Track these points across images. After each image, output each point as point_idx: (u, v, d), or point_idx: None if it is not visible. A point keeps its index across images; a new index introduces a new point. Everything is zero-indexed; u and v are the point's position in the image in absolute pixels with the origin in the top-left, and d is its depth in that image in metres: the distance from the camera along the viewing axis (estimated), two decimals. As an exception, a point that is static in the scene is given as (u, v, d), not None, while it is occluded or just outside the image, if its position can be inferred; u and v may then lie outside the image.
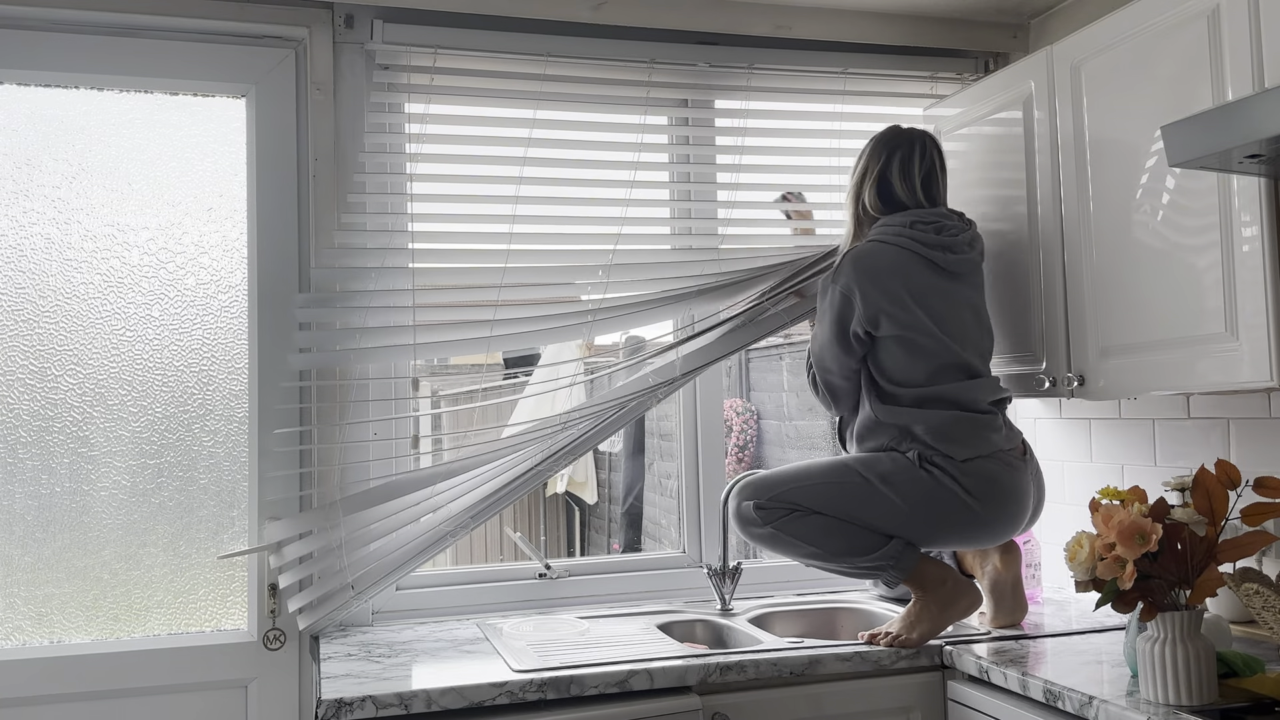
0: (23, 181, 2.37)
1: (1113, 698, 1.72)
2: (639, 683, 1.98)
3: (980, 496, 2.18)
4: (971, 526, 2.21)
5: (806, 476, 2.26)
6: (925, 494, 2.18)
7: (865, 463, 2.25)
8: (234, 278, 2.48)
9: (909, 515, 2.19)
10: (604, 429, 2.43)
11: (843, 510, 2.20)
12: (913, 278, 2.26)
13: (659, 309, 2.58)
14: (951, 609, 2.18)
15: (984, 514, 2.19)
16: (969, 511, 2.18)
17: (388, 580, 2.36)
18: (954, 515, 2.19)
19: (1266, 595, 1.79)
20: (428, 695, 1.88)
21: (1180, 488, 2.13)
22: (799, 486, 2.24)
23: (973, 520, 2.20)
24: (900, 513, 2.19)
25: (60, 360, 2.37)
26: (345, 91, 2.50)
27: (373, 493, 2.37)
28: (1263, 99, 1.58)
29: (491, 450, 2.41)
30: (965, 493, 2.17)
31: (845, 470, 2.24)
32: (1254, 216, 1.85)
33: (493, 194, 2.56)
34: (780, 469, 2.34)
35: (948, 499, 2.18)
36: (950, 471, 2.18)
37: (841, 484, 2.22)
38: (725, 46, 2.72)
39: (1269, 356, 1.83)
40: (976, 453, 2.20)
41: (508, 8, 2.55)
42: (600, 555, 5.88)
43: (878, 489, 2.20)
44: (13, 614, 2.32)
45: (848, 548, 2.21)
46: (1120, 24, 2.13)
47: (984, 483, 2.19)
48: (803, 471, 2.29)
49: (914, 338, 2.24)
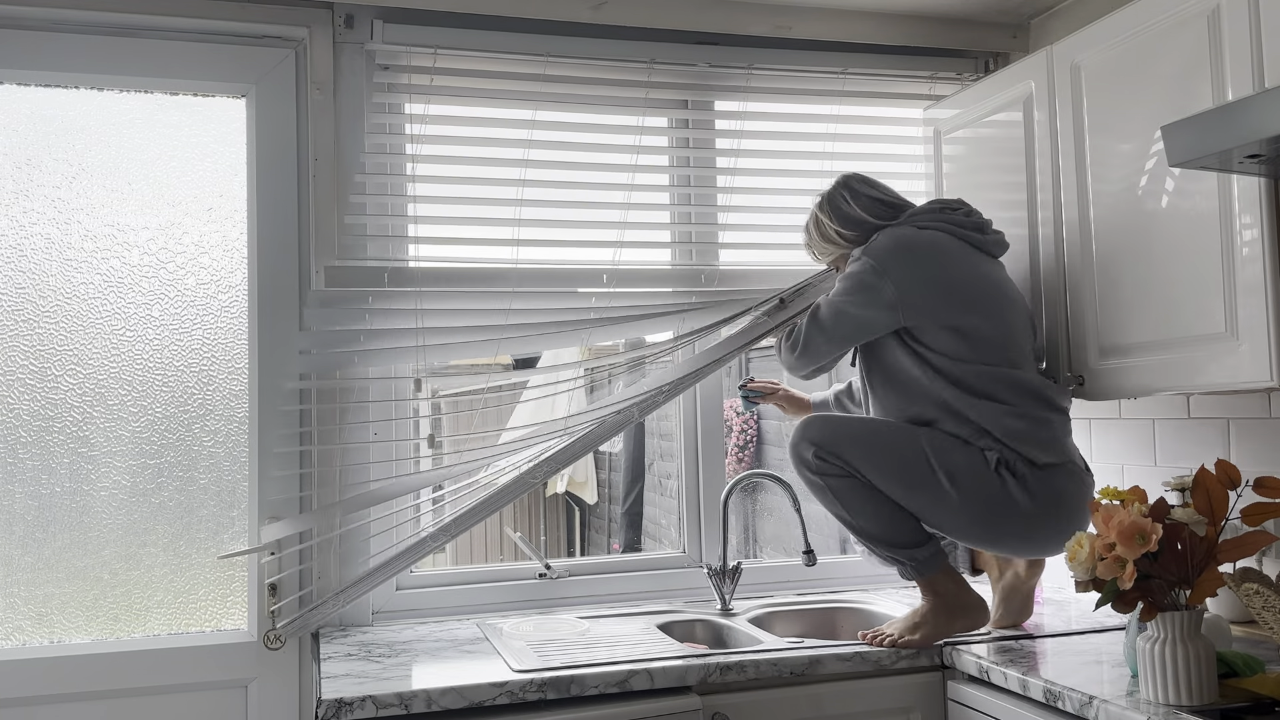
0: (23, 181, 2.37)
1: (1113, 698, 1.72)
2: (639, 683, 1.98)
3: (1046, 512, 2.10)
4: (1021, 541, 2.15)
5: (875, 443, 2.16)
6: (988, 501, 2.10)
7: (938, 447, 2.13)
8: (234, 278, 2.48)
9: (961, 517, 2.12)
10: (603, 433, 2.42)
11: (897, 490, 2.14)
12: (957, 264, 2.20)
13: (658, 319, 2.58)
14: (956, 621, 2.16)
15: (1041, 532, 2.11)
16: (1028, 526, 2.10)
17: (372, 584, 2.35)
18: (1009, 527, 2.11)
19: (1266, 595, 1.79)
20: (428, 695, 1.88)
21: (1180, 488, 2.12)
22: (864, 452, 2.15)
23: (1026, 537, 2.13)
24: (953, 513, 2.12)
25: (60, 360, 2.37)
26: (345, 91, 2.50)
27: (373, 495, 2.36)
28: (1263, 99, 1.59)
29: (492, 454, 2.41)
30: (1032, 505, 2.09)
31: (915, 451, 2.13)
32: (1254, 217, 1.85)
33: (493, 195, 2.56)
34: (851, 420, 2.26)
35: (1010, 511, 2.09)
36: (1026, 479, 2.10)
37: (905, 465, 2.13)
38: (725, 46, 2.72)
39: (1269, 356, 1.83)
40: (1055, 459, 2.13)
41: (508, 8, 2.55)
42: (600, 555, 5.88)
43: (940, 483, 2.11)
44: (13, 614, 2.32)
45: (883, 535, 2.16)
46: (1120, 24, 2.13)
47: (1053, 498, 2.10)
48: (873, 434, 2.19)
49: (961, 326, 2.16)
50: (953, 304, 2.18)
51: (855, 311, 2.21)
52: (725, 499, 2.62)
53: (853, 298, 2.21)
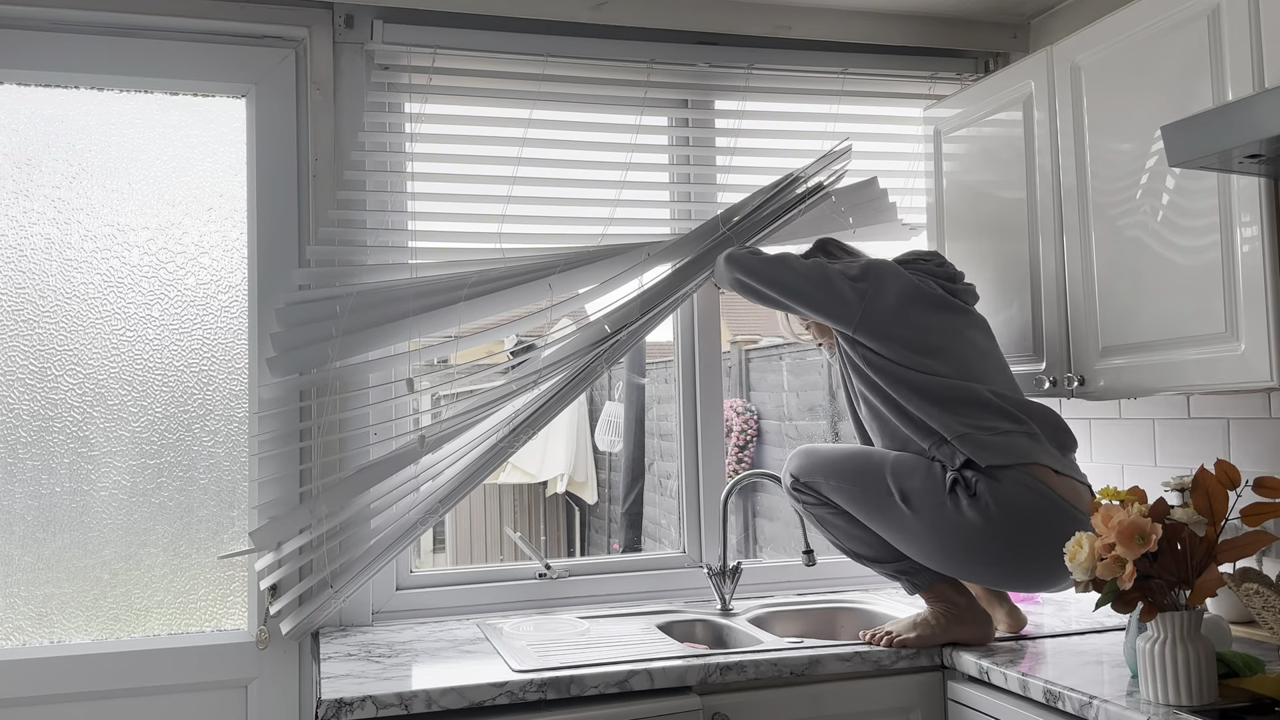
0: (23, 181, 2.37)
1: (1113, 698, 1.72)
2: (639, 683, 1.98)
3: (1000, 529, 1.99)
4: (986, 566, 2.05)
5: (842, 470, 2.18)
6: (943, 525, 2.04)
7: (897, 470, 2.12)
8: (234, 278, 2.48)
9: (922, 540, 2.09)
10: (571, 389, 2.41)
11: (862, 515, 2.16)
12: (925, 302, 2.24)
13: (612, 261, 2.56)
14: (957, 629, 2.13)
15: (999, 553, 2.01)
16: (985, 547, 2.02)
17: (366, 574, 2.35)
18: (967, 548, 2.04)
19: (1266, 595, 1.80)
20: (428, 695, 1.88)
21: (1180, 488, 2.12)
22: (835, 481, 2.18)
23: (988, 560, 2.04)
24: (913, 536, 2.09)
25: (60, 360, 2.37)
26: (345, 91, 2.50)
27: (353, 480, 2.35)
28: (1263, 99, 1.59)
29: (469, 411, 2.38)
30: (984, 523, 2.00)
31: (876, 477, 2.13)
32: (1254, 216, 1.85)
33: (492, 194, 2.56)
34: (828, 450, 2.26)
35: (966, 532, 2.02)
36: (979, 494, 2.01)
37: (866, 491, 2.14)
38: (724, 46, 2.72)
39: (1269, 356, 1.83)
40: (1004, 461, 2.03)
41: (507, 8, 2.55)
42: (600, 555, 5.88)
43: (897, 505, 2.09)
44: (13, 614, 2.32)
45: (872, 555, 2.21)
46: (1120, 24, 2.13)
47: (1006, 511, 1.99)
48: (840, 462, 2.20)
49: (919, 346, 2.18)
50: (913, 330, 2.20)
51: (832, 274, 2.25)
52: (725, 499, 2.63)
53: (834, 270, 2.27)
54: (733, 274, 2.35)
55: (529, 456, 6.11)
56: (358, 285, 2.42)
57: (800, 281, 2.27)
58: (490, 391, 2.41)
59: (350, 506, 2.35)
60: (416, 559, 3.00)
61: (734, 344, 6.47)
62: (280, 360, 2.37)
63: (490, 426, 2.40)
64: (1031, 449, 2.07)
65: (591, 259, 2.52)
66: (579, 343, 2.43)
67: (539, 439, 6.13)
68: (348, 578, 2.33)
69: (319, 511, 2.33)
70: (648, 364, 6.30)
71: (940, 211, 2.72)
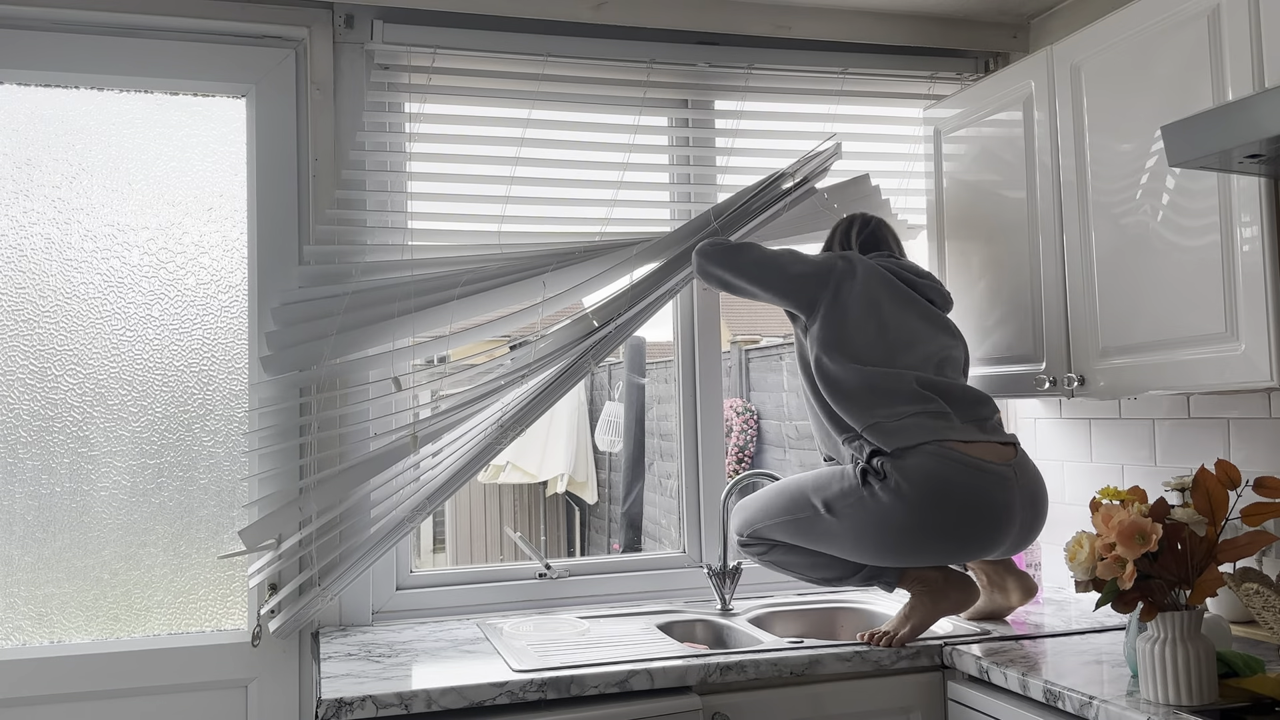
0: (23, 181, 2.37)
1: (1113, 698, 1.72)
2: (639, 683, 1.98)
3: (923, 504, 2.06)
4: (928, 543, 2.10)
5: (770, 510, 2.26)
6: (867, 519, 2.11)
7: (817, 486, 2.20)
8: (234, 278, 2.48)
9: (858, 545, 2.14)
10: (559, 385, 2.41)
11: (801, 541, 2.22)
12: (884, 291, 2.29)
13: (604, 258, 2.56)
14: (942, 603, 2.17)
15: (934, 525, 2.07)
16: (913, 525, 2.07)
17: (353, 572, 2.35)
18: (897, 533, 2.09)
19: (1266, 595, 1.80)
20: (428, 695, 1.88)
21: (1180, 488, 2.13)
22: (768, 523, 2.26)
23: (926, 536, 2.08)
24: (850, 544, 2.16)
25: (60, 360, 2.37)
26: (345, 91, 2.50)
27: (343, 477, 2.35)
28: (1263, 99, 1.59)
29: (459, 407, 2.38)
30: (900, 503, 2.06)
31: (802, 501, 2.21)
32: (1254, 216, 1.85)
33: (492, 194, 2.56)
34: (756, 496, 2.33)
35: (890, 519, 2.08)
36: (887, 477, 2.08)
37: (798, 518, 2.21)
38: (724, 46, 2.72)
39: (1269, 356, 1.83)
40: (906, 442, 2.09)
41: (507, 8, 2.55)
42: (600, 555, 5.89)
43: (827, 519, 2.16)
44: (13, 614, 2.32)
45: (831, 575, 2.26)
46: (1120, 24, 2.13)
47: (917, 486, 2.06)
48: (769, 503, 2.27)
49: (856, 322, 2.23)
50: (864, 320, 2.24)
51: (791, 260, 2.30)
52: (725, 499, 2.62)
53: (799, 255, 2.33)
54: (700, 263, 2.37)
55: (529, 456, 6.12)
56: (354, 284, 2.42)
57: (757, 269, 2.30)
58: (479, 387, 2.41)
59: (341, 503, 2.35)
60: (416, 559, 3.00)
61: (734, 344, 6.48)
62: (275, 358, 2.37)
63: (479, 423, 2.40)
64: (936, 426, 2.12)
65: (586, 256, 2.53)
66: (566, 336, 2.44)
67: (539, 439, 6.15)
68: (335, 575, 2.33)
69: (309, 509, 2.33)
70: (648, 364, 6.31)
71: (940, 211, 2.72)
